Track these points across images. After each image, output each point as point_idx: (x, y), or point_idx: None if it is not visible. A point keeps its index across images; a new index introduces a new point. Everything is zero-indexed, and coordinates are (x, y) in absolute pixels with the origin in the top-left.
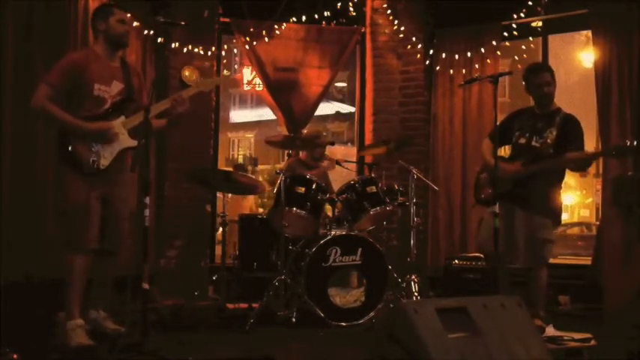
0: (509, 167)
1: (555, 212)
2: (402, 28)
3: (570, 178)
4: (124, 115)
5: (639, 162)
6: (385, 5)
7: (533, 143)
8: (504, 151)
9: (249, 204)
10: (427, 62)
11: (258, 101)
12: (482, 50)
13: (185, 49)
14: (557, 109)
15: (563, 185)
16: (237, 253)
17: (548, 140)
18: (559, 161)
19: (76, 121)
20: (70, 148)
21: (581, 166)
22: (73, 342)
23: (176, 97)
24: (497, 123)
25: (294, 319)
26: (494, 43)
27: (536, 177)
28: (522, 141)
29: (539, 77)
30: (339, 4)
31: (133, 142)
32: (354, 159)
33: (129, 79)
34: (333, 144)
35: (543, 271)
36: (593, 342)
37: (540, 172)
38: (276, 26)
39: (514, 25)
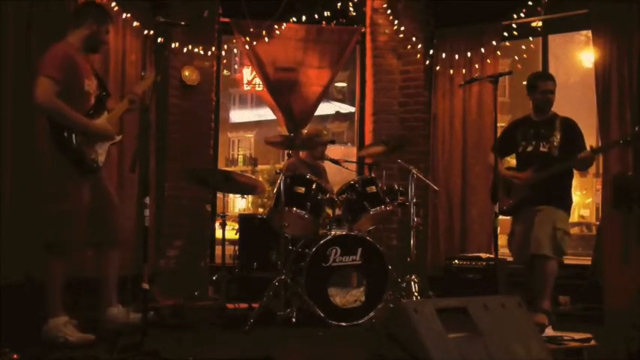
0: (523, 175)
1: (570, 204)
2: (402, 28)
3: None
4: (106, 110)
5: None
6: (385, 5)
7: (541, 149)
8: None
9: None
10: (427, 62)
11: (258, 101)
12: (483, 50)
13: (185, 49)
14: (553, 114)
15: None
16: (237, 253)
17: (555, 143)
18: (569, 163)
19: (85, 120)
20: (76, 147)
21: (587, 165)
22: (72, 338)
23: (131, 96)
24: (498, 136)
25: (294, 319)
26: (494, 43)
27: (550, 177)
28: (530, 149)
29: (546, 84)
30: (339, 4)
31: (118, 137)
32: (354, 159)
33: (96, 73)
34: (333, 142)
35: (555, 264)
36: (593, 342)
37: (553, 175)
38: (276, 26)
39: (514, 25)
